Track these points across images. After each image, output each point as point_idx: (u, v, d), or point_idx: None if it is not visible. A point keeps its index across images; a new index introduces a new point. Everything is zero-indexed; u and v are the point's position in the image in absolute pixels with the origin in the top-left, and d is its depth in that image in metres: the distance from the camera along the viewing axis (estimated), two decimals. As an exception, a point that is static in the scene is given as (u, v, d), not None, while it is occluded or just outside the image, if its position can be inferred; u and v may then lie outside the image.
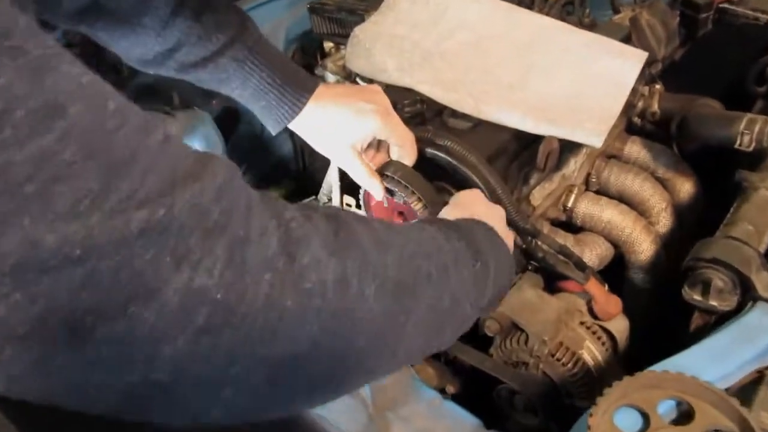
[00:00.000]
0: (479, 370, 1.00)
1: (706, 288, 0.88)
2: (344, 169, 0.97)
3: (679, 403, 0.70)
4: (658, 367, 0.72)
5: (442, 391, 1.06)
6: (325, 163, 1.13)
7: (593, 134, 0.99)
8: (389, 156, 0.97)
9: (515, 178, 1.10)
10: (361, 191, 1.02)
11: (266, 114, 0.92)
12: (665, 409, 0.69)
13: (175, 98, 1.21)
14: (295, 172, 1.62)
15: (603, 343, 1.03)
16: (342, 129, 0.91)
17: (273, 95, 0.89)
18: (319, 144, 0.95)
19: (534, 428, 1.00)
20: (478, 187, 0.95)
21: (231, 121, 1.56)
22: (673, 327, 1.03)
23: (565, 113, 1.03)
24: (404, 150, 0.95)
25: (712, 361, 0.73)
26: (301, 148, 1.58)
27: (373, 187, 0.94)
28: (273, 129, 0.93)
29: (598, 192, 1.27)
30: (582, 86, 1.06)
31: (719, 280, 0.86)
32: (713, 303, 0.88)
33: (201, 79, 0.90)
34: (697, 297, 0.90)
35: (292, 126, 0.93)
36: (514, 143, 1.06)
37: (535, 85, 1.07)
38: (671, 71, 1.47)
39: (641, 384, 0.69)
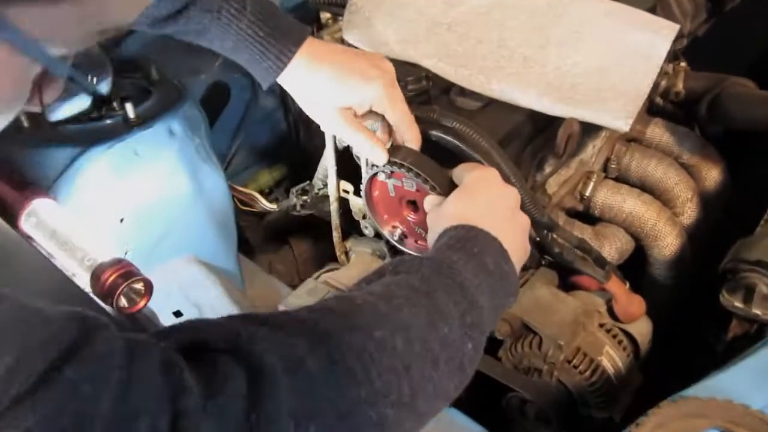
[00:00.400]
0: (487, 375, 0.92)
1: (749, 294, 0.79)
2: (340, 135, 0.87)
3: (723, 434, 0.60)
4: (698, 391, 0.63)
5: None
6: (321, 144, 1.02)
7: (620, 116, 0.89)
8: (391, 139, 0.87)
9: (529, 165, 1.00)
10: (363, 183, 0.91)
11: (253, 68, 0.84)
12: (707, 439, 0.60)
13: (153, 72, 1.11)
14: (288, 152, 1.52)
15: (624, 349, 0.94)
16: (338, 91, 0.82)
17: (256, 48, 0.81)
18: (311, 106, 0.86)
19: (546, 440, 0.92)
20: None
21: (221, 96, 1.46)
22: (701, 332, 0.94)
23: (587, 92, 0.92)
24: (402, 129, 0.85)
25: (761, 384, 0.64)
26: (296, 126, 1.48)
27: (374, 152, 0.83)
28: (263, 83, 0.85)
29: (617, 179, 1.17)
30: (606, 61, 0.95)
31: (765, 285, 0.76)
32: (757, 311, 0.79)
33: (177, 32, 0.83)
34: (738, 304, 0.80)
35: (281, 81, 0.84)
36: (528, 125, 0.97)
37: (554, 60, 0.96)
38: (694, 48, 1.36)
39: (682, 412, 0.59)
